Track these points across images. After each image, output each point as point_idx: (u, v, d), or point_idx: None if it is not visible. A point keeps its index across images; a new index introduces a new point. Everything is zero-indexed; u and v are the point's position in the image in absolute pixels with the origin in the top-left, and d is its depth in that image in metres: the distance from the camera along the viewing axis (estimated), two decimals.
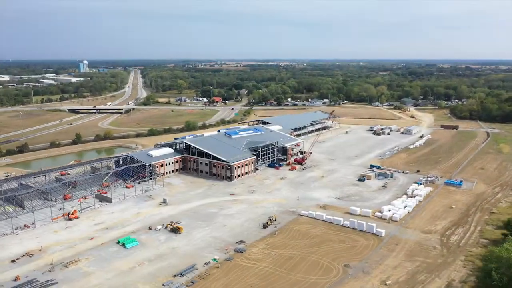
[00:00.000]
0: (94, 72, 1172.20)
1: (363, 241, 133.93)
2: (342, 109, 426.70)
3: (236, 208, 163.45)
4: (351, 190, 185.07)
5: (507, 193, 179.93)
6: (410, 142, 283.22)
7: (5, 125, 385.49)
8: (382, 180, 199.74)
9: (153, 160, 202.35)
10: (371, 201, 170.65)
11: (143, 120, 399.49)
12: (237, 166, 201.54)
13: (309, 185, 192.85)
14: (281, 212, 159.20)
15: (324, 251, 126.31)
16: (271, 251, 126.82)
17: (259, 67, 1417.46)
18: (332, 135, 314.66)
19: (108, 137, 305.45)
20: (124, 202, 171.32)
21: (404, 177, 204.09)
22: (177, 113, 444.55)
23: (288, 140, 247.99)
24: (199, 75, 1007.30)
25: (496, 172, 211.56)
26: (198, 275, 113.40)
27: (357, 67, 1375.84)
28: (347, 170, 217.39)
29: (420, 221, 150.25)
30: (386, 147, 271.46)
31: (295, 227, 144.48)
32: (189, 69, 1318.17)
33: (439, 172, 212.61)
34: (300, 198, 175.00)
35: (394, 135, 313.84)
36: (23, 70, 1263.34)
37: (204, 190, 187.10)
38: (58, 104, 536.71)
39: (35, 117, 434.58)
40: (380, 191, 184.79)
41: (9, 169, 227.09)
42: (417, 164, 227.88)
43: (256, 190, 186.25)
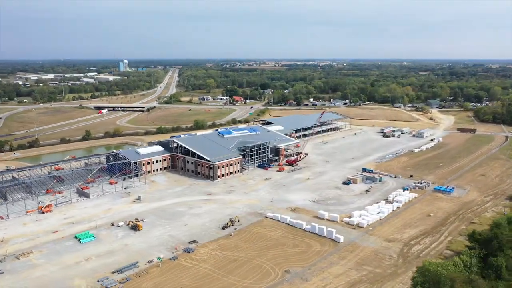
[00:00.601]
0: (132, 71, 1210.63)
1: (318, 246, 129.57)
2: (359, 110, 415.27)
3: (206, 208, 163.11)
4: (331, 194, 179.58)
5: (498, 202, 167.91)
6: (418, 145, 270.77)
7: (30, 121, 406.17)
8: (368, 184, 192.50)
9: (140, 157, 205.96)
10: (347, 206, 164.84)
11: (159, 119, 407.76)
12: (221, 165, 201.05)
13: (290, 187, 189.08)
14: (249, 213, 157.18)
15: (273, 255, 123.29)
16: (219, 253, 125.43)
17: (296, 66, 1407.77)
18: (339, 136, 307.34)
19: (117, 134, 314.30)
20: (101, 198, 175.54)
21: (394, 182, 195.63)
22: (194, 112, 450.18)
23: (283, 140, 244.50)
24: (232, 74, 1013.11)
25: (497, 180, 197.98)
26: (136, 273, 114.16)
27: (398, 67, 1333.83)
28: (338, 172, 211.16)
29: (389, 229, 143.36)
30: (390, 150, 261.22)
31: (255, 230, 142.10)
32: (225, 68, 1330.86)
33: (435, 177, 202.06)
34: (276, 200, 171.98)
35: (404, 137, 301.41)
36: (69, 69, 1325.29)
37: (184, 189, 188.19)
38: (87, 101, 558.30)
39: (61, 114, 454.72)
40: (362, 195, 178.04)
41: (15, 163, 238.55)
42: (415, 169, 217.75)
43: (235, 191, 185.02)
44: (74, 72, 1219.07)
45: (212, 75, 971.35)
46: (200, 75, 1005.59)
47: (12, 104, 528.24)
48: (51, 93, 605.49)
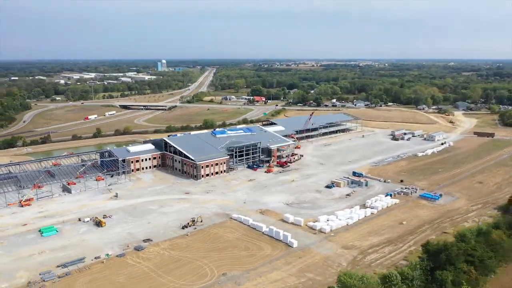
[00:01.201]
0: (168, 70, 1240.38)
1: (269, 250, 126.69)
2: (376, 112, 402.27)
3: (177, 207, 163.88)
4: (308, 197, 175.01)
5: (484, 212, 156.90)
6: (424, 149, 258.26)
7: (56, 118, 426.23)
8: (352, 188, 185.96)
9: (128, 155, 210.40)
10: (319, 210, 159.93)
11: (175, 118, 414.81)
12: (205, 165, 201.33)
13: (271, 189, 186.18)
14: (216, 214, 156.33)
15: (219, 257, 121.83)
16: (167, 252, 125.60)
17: (334, 66, 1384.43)
18: (346, 138, 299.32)
19: (127, 132, 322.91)
20: (82, 194, 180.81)
21: (381, 187, 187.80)
22: (212, 111, 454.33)
23: (278, 141, 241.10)
24: (265, 74, 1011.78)
25: (493, 188, 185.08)
26: (79, 268, 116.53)
27: (442, 67, 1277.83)
28: (328, 175, 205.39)
29: (352, 235, 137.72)
30: (393, 153, 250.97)
31: (214, 231, 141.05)
32: (261, 68, 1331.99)
33: (428, 183, 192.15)
34: (249, 201, 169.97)
35: (414, 141, 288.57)
36: (110, 69, 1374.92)
37: (165, 187, 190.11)
38: (115, 100, 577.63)
39: (87, 112, 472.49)
40: (341, 199, 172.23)
41: (23, 158, 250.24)
42: (411, 174, 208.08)
43: (214, 190, 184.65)
44: (115, 71, 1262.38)
45: (244, 75, 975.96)
46: (233, 75, 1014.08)
47: (46, 102, 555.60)
48: (84, 92, 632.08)
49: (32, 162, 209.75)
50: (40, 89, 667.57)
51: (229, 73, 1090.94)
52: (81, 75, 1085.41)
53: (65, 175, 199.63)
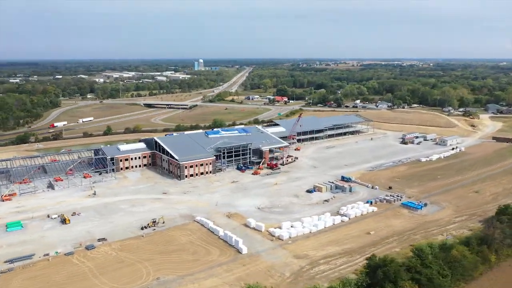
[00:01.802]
0: (204, 70, 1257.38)
1: (216, 255, 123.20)
2: (393, 114, 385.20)
3: (148, 207, 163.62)
4: (284, 202, 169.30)
5: (466, 225, 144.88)
6: (431, 154, 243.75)
7: (81, 116, 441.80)
8: (334, 193, 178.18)
9: (118, 153, 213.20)
10: (290, 215, 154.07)
11: (191, 117, 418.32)
12: (189, 165, 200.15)
13: (250, 192, 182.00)
14: (183, 215, 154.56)
15: (162, 261, 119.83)
16: (115, 253, 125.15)
17: (374, 66, 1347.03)
18: (352, 141, 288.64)
19: (136, 131, 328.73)
20: (65, 190, 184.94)
21: (365, 193, 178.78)
22: (230, 110, 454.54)
23: (273, 143, 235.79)
24: (298, 74, 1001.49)
25: (489, 198, 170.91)
26: (25, 264, 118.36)
27: (489, 67, 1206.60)
28: (316, 179, 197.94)
29: (311, 244, 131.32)
30: (396, 158, 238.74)
31: (171, 233, 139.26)
32: (296, 68, 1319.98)
33: (419, 191, 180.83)
34: (222, 204, 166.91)
35: (424, 145, 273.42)
36: (149, 68, 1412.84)
37: (146, 186, 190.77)
38: (142, 99, 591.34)
39: (112, 110, 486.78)
40: (317, 205, 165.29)
41: (31, 153, 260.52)
42: (406, 180, 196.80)
43: (193, 192, 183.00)
44: (153, 71, 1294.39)
45: (277, 75, 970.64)
46: (266, 74, 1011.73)
47: (77, 100, 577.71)
48: (114, 90, 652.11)
49: (26, 158, 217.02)
50: (76, 88, 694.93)
51: (262, 72, 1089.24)
52: (121, 74, 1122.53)
53: (57, 172, 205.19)
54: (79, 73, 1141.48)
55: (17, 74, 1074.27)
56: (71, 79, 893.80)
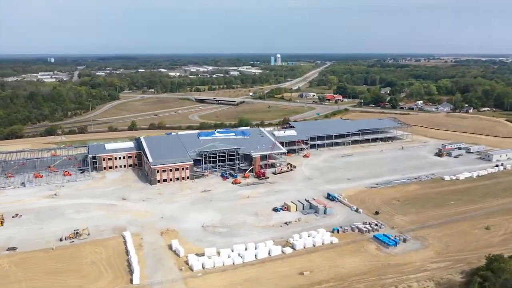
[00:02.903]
0: (279, 65, 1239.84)
1: (106, 281, 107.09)
2: (446, 119, 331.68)
3: (91, 214, 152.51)
4: (237, 220, 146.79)
5: (441, 275, 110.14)
6: (463, 171, 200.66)
7: (127, 109, 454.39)
8: (305, 214, 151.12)
9: (102, 152, 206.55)
10: (230, 238, 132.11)
11: (228, 114, 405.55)
12: (161, 169, 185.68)
13: (213, 205, 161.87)
14: (117, 227, 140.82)
15: (42, 284, 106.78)
16: (8, 266, 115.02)
17: (467, 63, 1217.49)
18: (378, 149, 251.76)
19: (161, 127, 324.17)
20: (33, 188, 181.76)
21: (342, 217, 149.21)
22: (272, 108, 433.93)
23: (270, 148, 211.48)
24: (374, 70, 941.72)
25: (499, 239, 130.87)
26: None
27: None
28: (299, 194, 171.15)
29: (220, 281, 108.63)
30: (416, 173, 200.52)
31: (84, 248, 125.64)
32: (376, 64, 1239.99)
33: (413, 219, 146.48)
34: (169, 217, 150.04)
35: (463, 159, 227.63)
36: (228, 62, 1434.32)
37: (114, 190, 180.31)
38: (197, 93, 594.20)
39: (162, 104, 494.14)
40: (272, 229, 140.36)
41: (48, 145, 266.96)
42: (405, 204, 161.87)
43: (152, 200, 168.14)
44: (231, 65, 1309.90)
45: (352, 71, 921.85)
46: (339, 70, 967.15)
47: (138, 93, 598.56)
48: (173, 84, 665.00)
49: (22, 151, 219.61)
50: (144, 81, 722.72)
51: (336, 68, 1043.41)
52: (197, 68, 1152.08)
53: (37, 168, 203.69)
54: (161, 67, 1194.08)
55: (107, 68, 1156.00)
56: (149, 72, 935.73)
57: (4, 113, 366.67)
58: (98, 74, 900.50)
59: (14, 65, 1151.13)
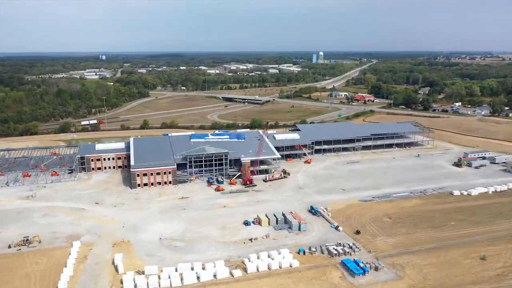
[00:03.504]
0: (320, 63, 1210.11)
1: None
2: (478, 124, 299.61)
3: (57, 219, 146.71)
4: (201, 233, 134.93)
5: None
6: (479, 185, 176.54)
7: (152, 107, 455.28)
8: (277, 230, 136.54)
9: (91, 153, 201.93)
10: (183, 255, 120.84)
11: (247, 114, 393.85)
12: (142, 173, 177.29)
13: (182, 214, 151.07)
14: (72, 235, 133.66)
15: None
16: None
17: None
18: (390, 156, 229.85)
19: (173, 126, 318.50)
20: (15, 188, 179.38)
21: (318, 235, 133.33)
22: (295, 108, 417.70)
23: (263, 153, 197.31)
24: (421, 68, 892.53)
25: (492, 273, 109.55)
26: None
27: None
28: (282, 206, 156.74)
29: None
30: (423, 185, 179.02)
31: (25, 258, 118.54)
32: (424, 62, 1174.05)
33: (397, 242, 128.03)
34: (130, 225, 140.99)
35: (486, 170, 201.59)
36: (270, 60, 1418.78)
37: (93, 192, 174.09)
38: (226, 92, 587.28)
39: (188, 102, 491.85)
40: (234, 245, 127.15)
41: (56, 143, 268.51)
42: (398, 222, 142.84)
43: (124, 206, 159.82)
44: (273, 63, 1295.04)
45: (396, 69, 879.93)
46: (382, 68, 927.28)
47: (168, 91, 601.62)
48: (205, 82, 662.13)
49: (21, 149, 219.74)
50: (179, 79, 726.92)
51: (378, 66, 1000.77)
52: (238, 66, 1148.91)
53: (28, 166, 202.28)
54: (204, 64, 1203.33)
55: (151, 65, 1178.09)
56: (187, 70, 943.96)
57: (30, 109, 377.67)
58: (140, 71, 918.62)
59: (65, 62, 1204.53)
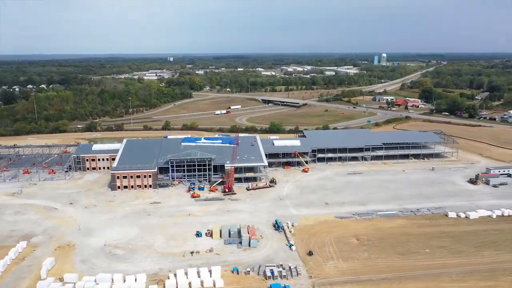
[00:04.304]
0: (382, 65, 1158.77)
1: None
2: None
3: (24, 217, 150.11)
4: (147, 242, 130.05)
5: None
6: (488, 207, 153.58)
7: (188, 108, 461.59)
8: (225, 244, 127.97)
9: (87, 153, 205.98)
10: (116, 264, 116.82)
11: (279, 117, 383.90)
12: (122, 175, 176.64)
13: (143, 220, 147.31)
14: (27, 234, 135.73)
15: None
16: None
17: None
18: (401, 168, 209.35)
19: (193, 128, 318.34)
20: (8, 184, 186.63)
21: (266, 253, 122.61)
22: (328, 113, 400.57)
23: (251, 161, 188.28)
24: (491, 71, 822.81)
25: None
26: None
27: None
28: (252, 217, 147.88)
29: None
30: (418, 204, 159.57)
31: None
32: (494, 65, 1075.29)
33: (349, 268, 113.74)
34: (87, 229, 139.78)
35: (505, 190, 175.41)
36: (330, 62, 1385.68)
37: (76, 192, 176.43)
38: (267, 94, 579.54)
39: (227, 104, 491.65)
40: (169, 257, 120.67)
41: (81, 141, 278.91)
42: (367, 245, 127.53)
43: (97, 207, 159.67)
44: (332, 65, 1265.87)
45: (460, 72, 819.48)
46: (445, 71, 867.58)
47: (213, 93, 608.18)
48: (252, 85, 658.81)
49: (30, 147, 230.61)
50: (228, 80, 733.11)
51: (443, 69, 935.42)
52: (295, 68, 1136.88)
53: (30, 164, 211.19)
54: (263, 66, 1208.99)
55: (210, 66, 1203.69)
56: (242, 71, 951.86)
57: (71, 108, 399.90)
58: (197, 72, 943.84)
59: (132, 63, 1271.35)
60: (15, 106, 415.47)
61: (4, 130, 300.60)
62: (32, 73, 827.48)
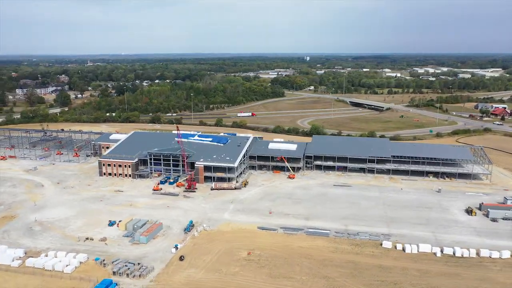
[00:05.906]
0: None
1: None
2: None
3: (14, 190, 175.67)
4: (68, 223, 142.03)
5: None
6: (461, 243, 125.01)
7: (269, 107, 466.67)
8: (124, 236, 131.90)
9: (104, 140, 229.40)
10: (23, 239, 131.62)
11: (352, 120, 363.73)
12: (107, 163, 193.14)
13: (92, 204, 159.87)
14: None
15: None
16: None
17: None
18: (403, 186, 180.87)
19: (242, 126, 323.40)
20: (37, 162, 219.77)
21: (145, 250, 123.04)
22: (404, 119, 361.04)
23: (226, 161, 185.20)
24: None
25: None
26: None
27: None
28: (182, 217, 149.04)
29: None
30: (370, 228, 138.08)
31: None
32: None
33: (201, 279, 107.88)
34: (41, 206, 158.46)
35: (503, 226, 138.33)
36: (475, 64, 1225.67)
37: (71, 174, 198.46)
38: (356, 96, 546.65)
39: (311, 104, 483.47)
40: (69, 240, 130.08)
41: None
42: (254, 261, 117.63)
43: (72, 188, 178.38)
44: (477, 67, 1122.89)
45: None
46: None
47: (308, 92, 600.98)
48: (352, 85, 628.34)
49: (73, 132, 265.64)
50: (335, 81, 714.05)
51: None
52: (428, 69, 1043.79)
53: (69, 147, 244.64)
54: (391, 66, 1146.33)
55: (336, 66, 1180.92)
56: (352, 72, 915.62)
57: (158, 101, 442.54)
58: (318, 72, 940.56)
59: (263, 62, 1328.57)
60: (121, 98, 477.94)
61: (86, 117, 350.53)
62: (171, 69, 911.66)
